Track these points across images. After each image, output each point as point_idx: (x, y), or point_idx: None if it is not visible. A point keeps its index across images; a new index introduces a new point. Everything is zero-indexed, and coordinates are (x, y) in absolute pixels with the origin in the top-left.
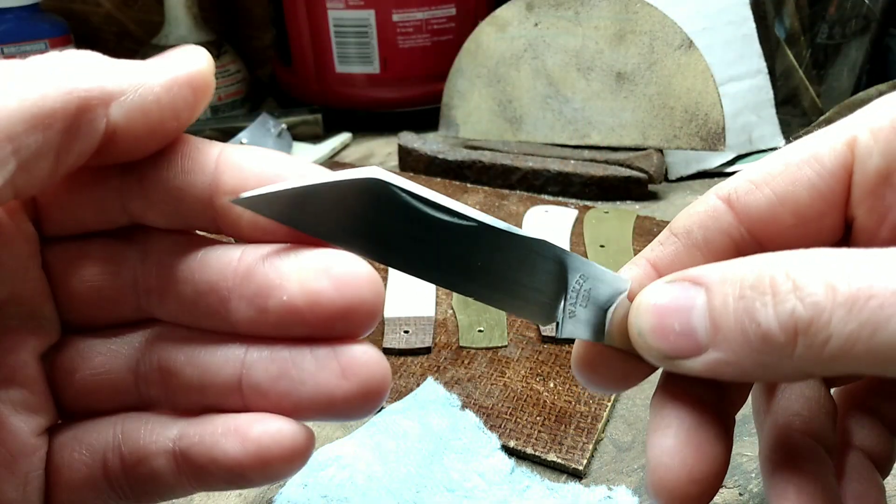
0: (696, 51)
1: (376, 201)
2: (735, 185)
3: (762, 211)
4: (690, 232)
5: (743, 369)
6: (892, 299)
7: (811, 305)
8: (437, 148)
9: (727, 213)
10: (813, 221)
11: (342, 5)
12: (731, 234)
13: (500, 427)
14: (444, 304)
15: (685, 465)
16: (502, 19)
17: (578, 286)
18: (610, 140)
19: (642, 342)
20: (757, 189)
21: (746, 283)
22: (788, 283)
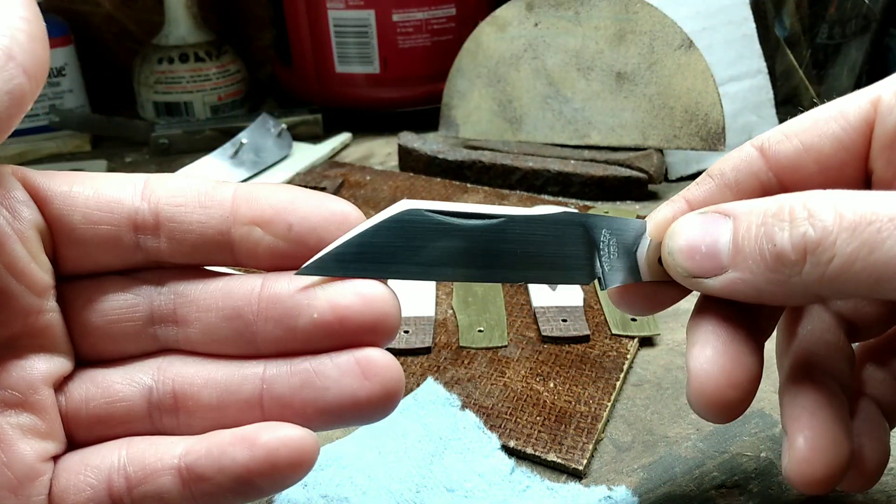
0: (696, 51)
1: (416, 229)
2: (768, 136)
3: (790, 159)
4: (724, 174)
5: (757, 288)
6: (888, 224)
7: (820, 229)
8: (437, 148)
9: (759, 159)
10: (835, 170)
11: (342, 5)
12: (761, 177)
13: (500, 427)
14: (444, 304)
15: (724, 371)
16: (502, 19)
17: (606, 240)
18: (610, 140)
19: (672, 262)
20: (787, 139)
21: (769, 213)
22: (804, 211)
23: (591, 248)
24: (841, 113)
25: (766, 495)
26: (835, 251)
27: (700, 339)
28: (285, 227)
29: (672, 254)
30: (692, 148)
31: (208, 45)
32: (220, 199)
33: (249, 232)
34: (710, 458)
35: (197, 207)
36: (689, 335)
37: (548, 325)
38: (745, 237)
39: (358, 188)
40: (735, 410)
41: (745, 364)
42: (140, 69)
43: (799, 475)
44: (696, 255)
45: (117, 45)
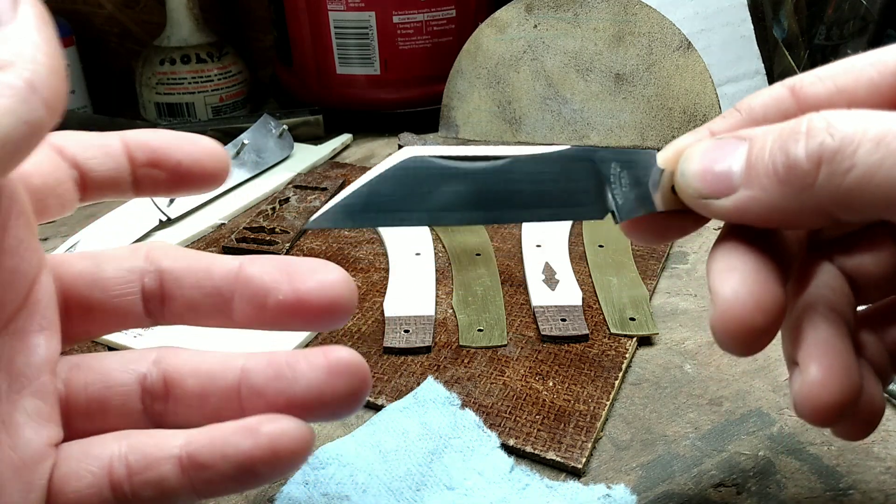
0: (695, 52)
1: (421, 175)
2: (801, 77)
3: (821, 100)
4: (752, 108)
5: (769, 206)
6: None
7: (840, 138)
8: None
9: (789, 98)
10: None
11: (343, 7)
12: (788, 116)
13: (500, 426)
14: (443, 303)
15: (752, 295)
16: (502, 21)
17: (616, 173)
18: (609, 141)
19: (684, 184)
20: (820, 81)
21: (787, 129)
22: (824, 122)
23: (602, 182)
24: (880, 60)
25: (765, 494)
26: (855, 160)
27: (725, 266)
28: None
29: (684, 175)
30: None
31: (210, 47)
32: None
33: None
34: (708, 456)
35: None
36: (712, 263)
37: (547, 324)
38: (759, 155)
39: None
40: (763, 339)
41: (773, 291)
42: (142, 70)
43: (811, 402)
44: (709, 175)
45: (119, 47)
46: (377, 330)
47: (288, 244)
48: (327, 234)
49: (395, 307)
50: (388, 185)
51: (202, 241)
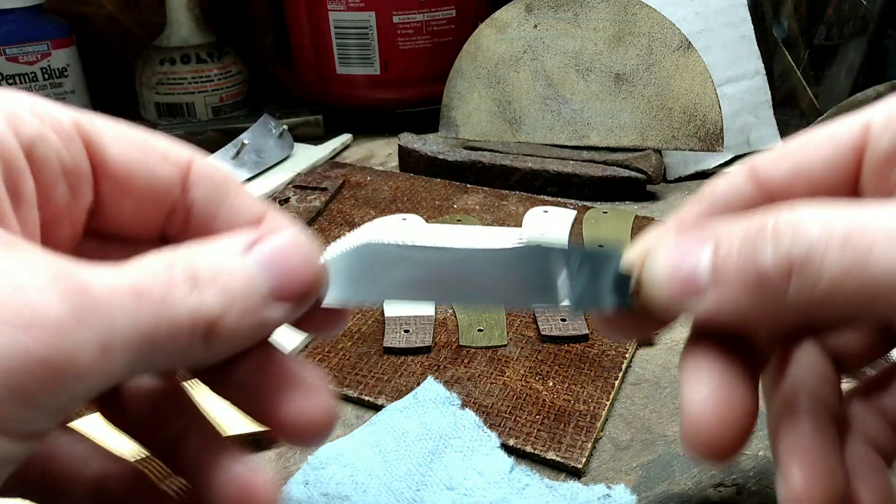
0: (695, 52)
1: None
2: (759, 158)
3: (780, 181)
4: (714, 197)
5: (740, 312)
6: (883, 235)
7: (806, 244)
8: (437, 149)
9: (749, 181)
10: (825, 194)
11: (343, 7)
12: (750, 200)
13: (500, 426)
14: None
15: (720, 408)
16: (502, 21)
17: (574, 267)
18: (609, 141)
19: (649, 285)
20: (777, 162)
21: (752, 229)
22: (788, 226)
23: (557, 277)
24: (832, 136)
25: (765, 494)
26: (824, 267)
27: (694, 372)
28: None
29: (650, 277)
30: (690, 149)
31: (210, 47)
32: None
33: None
34: None
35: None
36: (682, 371)
37: (547, 324)
38: (726, 257)
39: (359, 189)
40: (735, 449)
41: (743, 400)
42: (142, 70)
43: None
44: (676, 277)
45: (119, 47)
46: (377, 330)
47: None
48: (327, 235)
49: (395, 307)
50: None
51: None
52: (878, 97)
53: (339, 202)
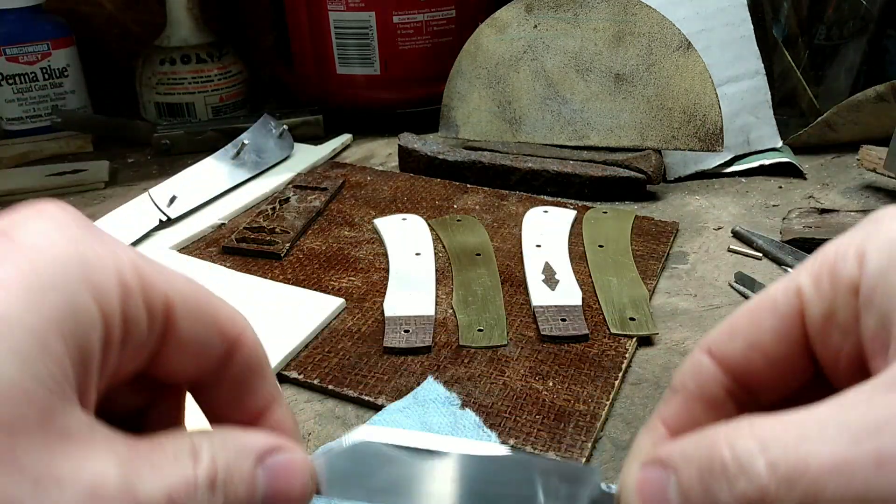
0: (695, 52)
1: (369, 459)
2: (714, 339)
3: (738, 360)
4: (686, 386)
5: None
6: (825, 472)
7: (757, 489)
8: (437, 149)
9: (711, 364)
10: (782, 362)
11: (343, 7)
12: (719, 382)
13: (500, 425)
14: (444, 303)
15: None
16: (502, 21)
17: (555, 488)
18: (608, 141)
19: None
20: (731, 340)
21: (704, 466)
22: (735, 463)
23: (536, 493)
24: (774, 307)
25: None
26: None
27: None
28: None
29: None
30: (690, 149)
31: (210, 47)
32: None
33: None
34: None
35: None
36: None
37: (547, 324)
38: (690, 492)
39: (359, 189)
40: None
41: None
42: (142, 70)
43: None
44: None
45: (119, 47)
46: (377, 330)
47: (288, 244)
48: (327, 234)
49: (395, 307)
50: (333, 463)
51: (202, 241)
52: (877, 97)
53: (339, 202)
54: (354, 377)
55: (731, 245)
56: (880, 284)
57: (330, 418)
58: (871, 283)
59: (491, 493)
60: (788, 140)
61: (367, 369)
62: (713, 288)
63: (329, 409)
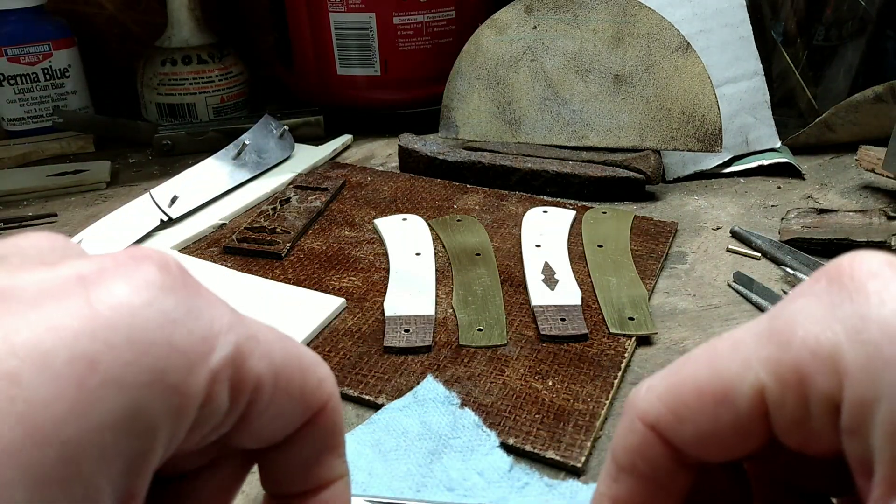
0: (693, 53)
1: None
2: (656, 414)
3: (688, 442)
4: (635, 466)
5: None
6: None
7: None
8: (437, 149)
9: (657, 442)
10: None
11: (343, 8)
12: (670, 458)
13: (500, 425)
14: (444, 303)
15: None
16: (501, 22)
17: None
18: (608, 141)
19: None
20: (679, 423)
21: None
22: None
23: None
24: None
25: None
26: None
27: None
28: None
29: None
30: (689, 149)
31: (211, 48)
32: None
33: None
34: None
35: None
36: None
37: (546, 323)
38: None
39: (359, 189)
40: None
41: None
42: (143, 71)
43: None
44: None
45: (121, 47)
46: (377, 329)
47: (289, 244)
48: (328, 234)
49: (395, 307)
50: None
51: (203, 242)
52: (875, 97)
53: (339, 202)
54: (355, 376)
55: (729, 245)
56: (866, 421)
57: None
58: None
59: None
60: (787, 140)
61: (368, 369)
62: (712, 288)
63: None
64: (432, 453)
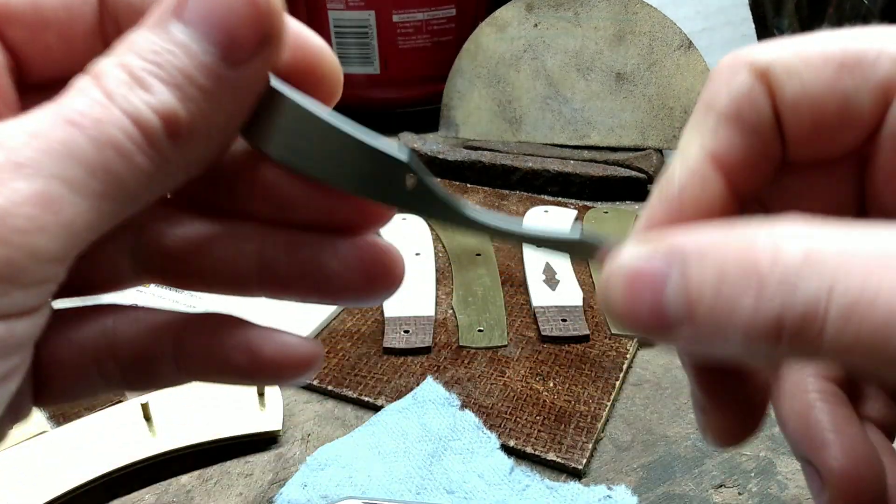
0: (696, 51)
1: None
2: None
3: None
4: (741, 115)
5: (720, 355)
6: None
7: (802, 306)
8: (438, 148)
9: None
10: (846, 128)
11: (342, 6)
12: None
13: (500, 426)
14: (444, 303)
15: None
16: (502, 20)
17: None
18: (609, 140)
19: (612, 312)
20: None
21: (728, 265)
22: (775, 273)
23: None
24: (858, 66)
25: (766, 494)
26: (824, 339)
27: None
28: None
29: (610, 305)
30: None
31: None
32: None
33: None
34: (709, 457)
35: None
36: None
37: (547, 324)
38: (699, 297)
39: None
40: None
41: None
42: None
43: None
44: (641, 309)
45: None
46: (377, 330)
47: None
48: None
49: (395, 307)
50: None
51: None
52: None
53: None
54: (354, 378)
55: None
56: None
57: (329, 419)
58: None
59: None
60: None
61: (367, 370)
62: None
63: (328, 410)
64: (432, 455)
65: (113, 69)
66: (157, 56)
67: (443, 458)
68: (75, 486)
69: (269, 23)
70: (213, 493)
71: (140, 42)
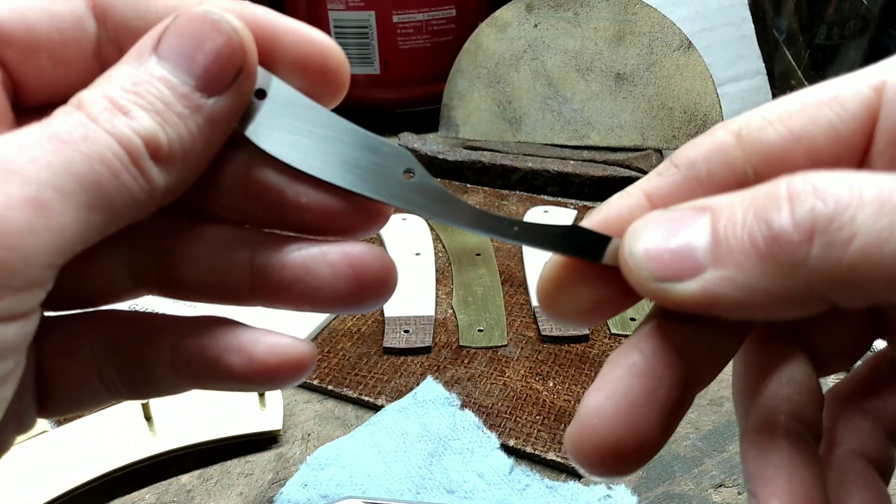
0: (695, 52)
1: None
2: (746, 120)
3: (774, 148)
4: (693, 164)
5: (748, 287)
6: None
7: (834, 202)
8: (438, 148)
9: (735, 147)
10: (827, 165)
11: (342, 6)
12: (737, 170)
13: (500, 426)
14: (444, 303)
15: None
16: (502, 20)
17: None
18: (609, 141)
19: (632, 262)
20: (770, 125)
21: (759, 194)
22: (808, 186)
23: None
24: (837, 99)
25: None
26: (856, 227)
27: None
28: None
29: (633, 254)
30: None
31: None
32: None
33: None
34: (708, 457)
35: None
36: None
37: (547, 324)
38: (729, 226)
39: None
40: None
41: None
42: None
43: None
44: (664, 253)
45: None
46: (377, 330)
47: None
48: None
49: (395, 307)
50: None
51: None
52: None
53: None
54: (354, 377)
55: None
56: None
57: (329, 418)
58: None
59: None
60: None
61: (367, 370)
62: None
63: (329, 410)
64: (432, 455)
65: (95, 98)
66: (137, 87)
67: (443, 457)
68: (75, 486)
69: (242, 57)
70: (213, 493)
71: (120, 75)
